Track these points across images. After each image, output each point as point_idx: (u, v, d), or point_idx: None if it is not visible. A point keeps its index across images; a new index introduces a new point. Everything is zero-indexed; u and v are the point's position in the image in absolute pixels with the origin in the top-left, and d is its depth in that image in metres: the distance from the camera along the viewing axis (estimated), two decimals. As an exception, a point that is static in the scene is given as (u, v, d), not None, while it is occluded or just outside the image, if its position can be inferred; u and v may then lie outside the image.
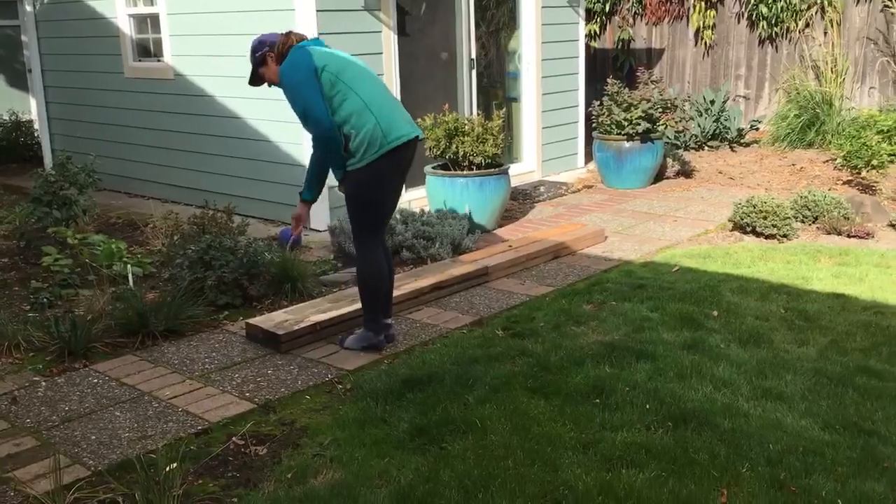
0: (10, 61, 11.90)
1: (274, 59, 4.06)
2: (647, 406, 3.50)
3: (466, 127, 6.54)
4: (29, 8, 8.99)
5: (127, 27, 8.01)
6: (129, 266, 5.18)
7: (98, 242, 5.64)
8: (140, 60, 8.07)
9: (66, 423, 3.58)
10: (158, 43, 7.75)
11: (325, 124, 3.88)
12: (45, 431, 3.50)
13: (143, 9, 7.84)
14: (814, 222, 6.56)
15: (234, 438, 3.40)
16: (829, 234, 6.35)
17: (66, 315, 4.62)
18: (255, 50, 4.13)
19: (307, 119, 3.94)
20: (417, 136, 4.10)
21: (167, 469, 2.89)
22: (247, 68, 6.85)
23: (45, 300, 5.00)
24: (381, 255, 4.20)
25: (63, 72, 8.94)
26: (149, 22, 7.89)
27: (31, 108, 11.02)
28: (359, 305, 4.57)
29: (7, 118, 10.75)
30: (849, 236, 6.25)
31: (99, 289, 4.93)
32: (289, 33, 4.11)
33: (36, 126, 10.29)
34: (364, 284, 4.22)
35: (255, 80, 4.19)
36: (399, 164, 4.08)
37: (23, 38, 11.02)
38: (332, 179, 4.19)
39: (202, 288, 4.90)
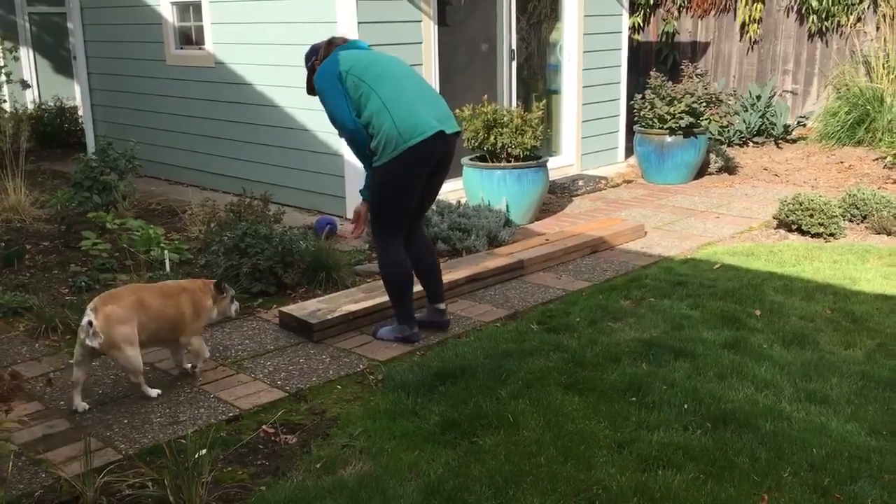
0: (56, 48, 12.08)
1: (319, 66, 4.15)
2: (686, 406, 3.41)
3: (505, 118, 6.46)
4: (75, -5, 9.10)
5: (169, 15, 8.06)
6: (166, 252, 5.20)
7: (136, 228, 5.68)
8: (182, 48, 8.11)
9: (98, 406, 3.60)
10: (200, 31, 7.79)
11: (349, 126, 3.99)
12: (78, 414, 3.52)
13: (185, -3, 7.88)
14: (862, 221, 6.36)
15: (264, 426, 3.38)
16: (878, 233, 6.15)
17: (103, 299, 4.65)
18: (306, 60, 4.27)
19: (334, 122, 4.10)
20: (444, 132, 4.00)
21: (197, 455, 2.87)
22: (286, 55, 6.89)
23: (83, 284, 5.05)
24: (399, 252, 4.18)
25: (107, 59, 9.03)
26: (191, 10, 7.93)
27: (76, 95, 11.17)
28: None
29: (52, 104, 10.92)
30: (899, 236, 6.06)
31: (136, 274, 4.97)
32: (330, 40, 4.22)
33: (80, 112, 10.43)
34: (388, 281, 4.25)
35: (310, 88, 4.27)
36: (423, 161, 4.00)
37: (68, 26, 11.18)
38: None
39: (237, 275, 4.90)
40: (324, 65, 4.07)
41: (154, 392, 3.69)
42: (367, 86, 3.94)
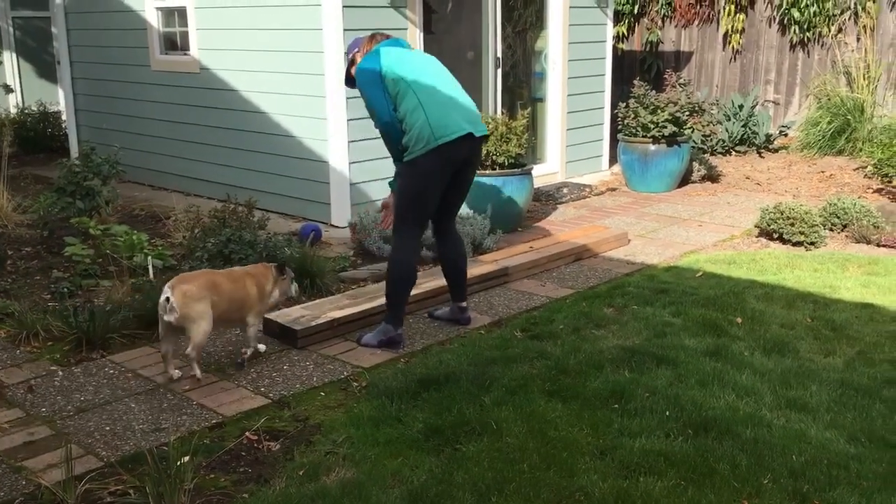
0: (39, 53, 12.02)
1: (361, 58, 4.31)
2: (667, 413, 3.43)
3: (490, 126, 6.48)
4: (59, 0, 9.06)
5: (154, 20, 8.04)
6: (149, 258, 5.18)
7: (120, 233, 5.66)
8: (167, 54, 8.09)
9: (80, 413, 3.58)
10: (185, 36, 7.77)
11: (385, 119, 4.16)
12: (60, 421, 3.50)
13: (170, 2, 7.86)
14: (842, 230, 6.43)
15: (247, 433, 3.37)
16: (859, 242, 6.22)
17: (86, 305, 4.63)
18: (347, 52, 4.46)
19: (371, 115, 4.26)
20: (472, 134, 4.18)
21: (179, 462, 2.86)
22: (272, 62, 6.89)
23: (65, 290, 5.02)
24: (411, 251, 4.28)
25: (91, 63, 9.00)
26: (176, 15, 7.91)
27: (59, 99, 11.11)
28: (375, 303, 4.60)
29: (35, 109, 10.85)
30: (878, 245, 6.12)
31: (119, 280, 4.94)
32: (373, 35, 4.40)
33: (63, 117, 10.37)
34: (391, 275, 4.30)
35: (348, 80, 4.44)
36: (449, 160, 4.16)
37: (52, 30, 11.13)
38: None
39: (221, 281, 4.88)
40: (365, 59, 4.25)
41: (199, 373, 3.88)
42: (405, 83, 4.12)
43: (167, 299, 3.72)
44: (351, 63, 4.38)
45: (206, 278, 3.91)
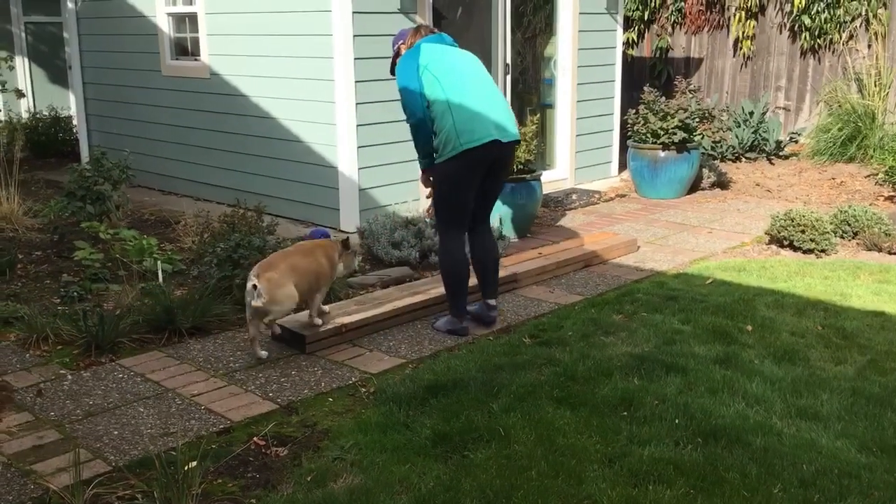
0: (51, 58, 12.09)
1: (405, 50, 4.45)
2: (677, 421, 3.41)
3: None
4: (71, 5, 9.11)
5: (165, 26, 8.08)
6: (158, 262, 5.19)
7: (129, 238, 5.68)
8: (177, 59, 8.13)
9: (89, 417, 3.58)
10: (196, 42, 7.80)
11: (418, 114, 4.28)
12: (69, 425, 3.51)
13: (181, 8, 7.90)
14: (853, 238, 6.40)
15: (255, 438, 3.37)
16: (870, 250, 6.18)
17: (95, 309, 4.64)
18: (393, 43, 4.59)
19: (403, 109, 4.39)
20: (499, 140, 4.26)
21: (187, 467, 2.86)
22: (282, 68, 6.91)
23: (74, 294, 5.03)
24: (456, 247, 4.44)
25: (102, 69, 9.04)
26: (187, 21, 7.95)
27: (71, 104, 11.17)
28: (383, 309, 4.69)
29: (47, 114, 10.91)
30: (890, 253, 6.08)
31: (128, 284, 4.96)
32: (418, 28, 4.56)
33: (75, 122, 10.43)
34: (442, 274, 4.55)
35: (393, 69, 4.55)
36: (475, 165, 4.28)
37: (64, 35, 11.19)
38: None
39: (230, 286, 4.90)
40: (406, 54, 4.37)
41: (264, 354, 4.15)
42: (439, 84, 4.23)
43: (254, 286, 3.99)
44: (396, 54, 4.51)
45: (286, 263, 4.16)
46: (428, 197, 4.62)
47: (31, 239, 6.43)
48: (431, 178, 4.46)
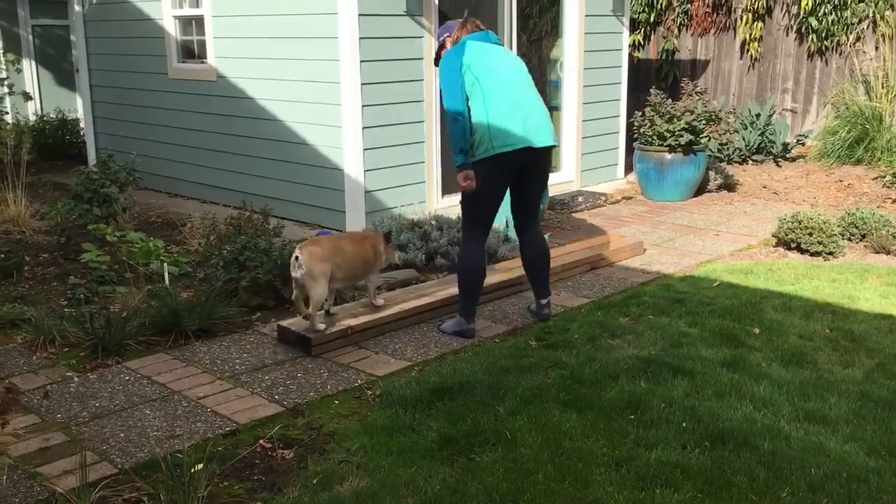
0: (58, 60, 12.14)
1: (451, 44, 4.55)
2: (684, 424, 3.40)
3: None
4: (78, 8, 9.14)
5: (172, 28, 8.10)
6: (165, 265, 5.20)
7: (136, 240, 5.68)
8: (184, 62, 8.15)
9: (95, 419, 3.59)
10: (202, 45, 7.82)
11: (455, 108, 4.31)
12: (75, 427, 3.51)
13: (188, 11, 7.92)
14: (861, 240, 6.37)
15: (261, 441, 3.37)
16: (878, 252, 6.16)
17: (102, 312, 4.65)
18: (438, 35, 4.71)
19: (442, 99, 4.44)
20: (531, 146, 4.32)
21: (193, 470, 2.86)
22: (288, 70, 6.91)
23: (81, 296, 5.04)
24: (475, 249, 4.52)
25: (109, 71, 9.07)
26: (193, 24, 7.96)
27: (78, 107, 11.21)
28: (389, 312, 4.69)
29: (54, 116, 10.95)
30: (898, 256, 6.06)
31: (135, 286, 4.97)
32: (465, 22, 4.59)
33: (82, 124, 10.46)
34: (458, 274, 4.60)
35: (437, 61, 4.65)
36: (504, 169, 4.35)
37: (71, 38, 11.23)
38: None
39: (236, 289, 4.90)
40: (451, 50, 4.44)
41: (322, 326, 4.35)
42: (479, 85, 4.31)
43: (296, 258, 4.21)
44: (441, 47, 4.60)
45: (332, 243, 4.45)
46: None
47: (38, 241, 6.45)
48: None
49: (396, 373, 4.08)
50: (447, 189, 7.27)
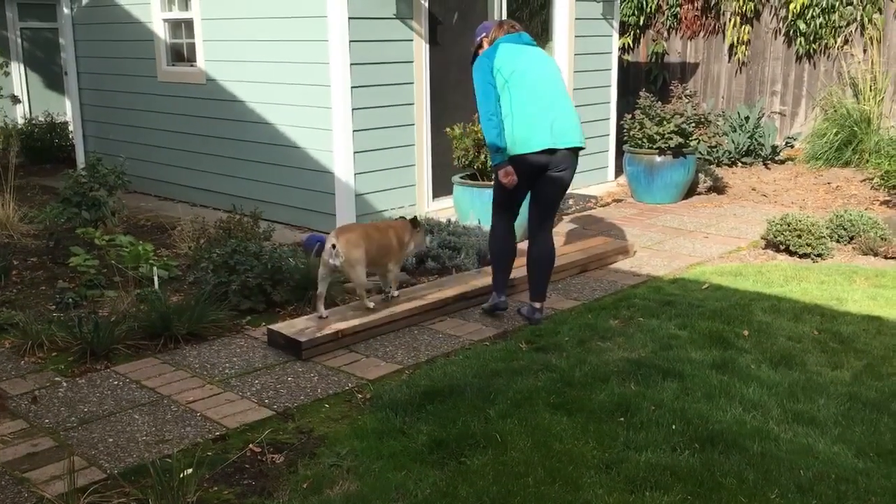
0: (47, 63, 12.09)
1: (487, 44, 4.73)
2: (674, 426, 3.41)
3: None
4: (67, 11, 9.11)
5: (161, 31, 8.08)
6: (154, 268, 5.18)
7: (125, 244, 5.66)
8: (173, 65, 8.13)
9: (84, 424, 3.57)
10: (192, 48, 7.80)
11: (487, 109, 4.51)
12: (63, 432, 3.49)
13: (177, 14, 7.90)
14: (849, 242, 6.41)
15: (251, 445, 3.36)
16: (866, 254, 6.19)
17: (90, 316, 4.62)
18: (476, 35, 4.87)
19: (477, 101, 4.61)
20: (552, 147, 4.48)
21: (182, 475, 2.85)
22: (278, 73, 6.91)
23: (70, 300, 5.02)
24: (500, 229, 4.82)
25: (98, 74, 9.04)
26: (183, 27, 7.95)
27: (67, 110, 11.17)
28: (380, 315, 4.70)
29: (42, 119, 10.90)
30: (886, 258, 6.09)
31: (124, 290, 4.94)
32: (501, 23, 4.80)
33: (70, 128, 10.43)
34: (489, 251, 4.95)
35: (474, 60, 4.76)
36: (528, 168, 4.54)
37: (60, 41, 11.19)
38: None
39: (226, 292, 4.89)
40: (485, 53, 4.62)
41: (371, 304, 4.66)
42: (508, 88, 4.51)
43: (333, 246, 4.43)
44: (478, 46, 4.78)
45: (362, 230, 4.71)
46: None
47: (26, 245, 6.42)
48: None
49: (387, 376, 4.08)
50: (437, 192, 7.28)
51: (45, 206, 6.78)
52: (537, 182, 4.63)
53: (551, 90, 4.60)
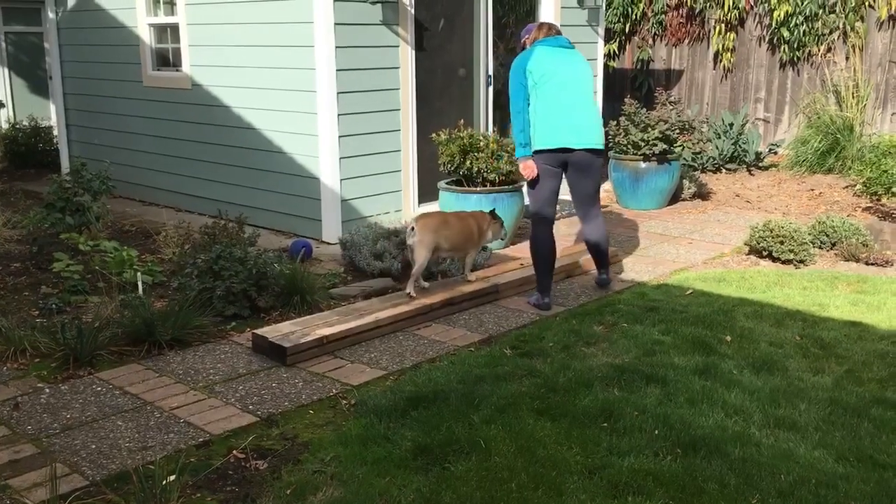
0: (32, 68, 12.03)
1: (529, 43, 5.16)
2: (656, 432, 3.43)
3: (481, 143, 6.51)
4: (52, 15, 9.07)
5: (147, 36, 8.06)
6: (138, 274, 5.16)
7: (110, 249, 5.64)
8: (159, 70, 8.11)
9: (66, 431, 3.55)
10: (177, 53, 7.79)
11: (516, 107, 5.03)
12: (46, 439, 3.47)
13: (163, 18, 7.89)
14: (831, 248, 6.46)
15: (234, 452, 3.35)
16: (847, 260, 6.25)
17: (74, 322, 4.60)
18: (520, 35, 5.37)
19: (510, 102, 5.08)
20: (571, 147, 4.95)
21: (165, 481, 2.84)
22: (263, 80, 6.90)
23: (53, 306, 4.99)
24: (541, 231, 5.17)
25: (83, 79, 9.00)
26: (168, 32, 7.93)
27: (51, 115, 11.11)
28: (365, 321, 4.70)
29: (27, 124, 10.84)
30: (867, 263, 6.15)
31: (108, 296, 4.92)
32: (541, 25, 5.25)
33: (55, 132, 10.37)
34: (531, 253, 5.24)
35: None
36: (550, 163, 5.03)
37: (45, 45, 11.14)
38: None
39: (210, 298, 4.87)
40: (521, 55, 5.06)
41: (412, 291, 5.03)
42: (536, 90, 4.96)
43: (412, 228, 4.96)
44: (522, 47, 5.22)
45: (441, 217, 5.21)
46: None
47: (9, 250, 6.38)
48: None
49: (371, 382, 4.08)
50: (424, 197, 7.29)
51: (28, 211, 6.74)
52: (569, 179, 5.17)
53: (576, 93, 5.02)
